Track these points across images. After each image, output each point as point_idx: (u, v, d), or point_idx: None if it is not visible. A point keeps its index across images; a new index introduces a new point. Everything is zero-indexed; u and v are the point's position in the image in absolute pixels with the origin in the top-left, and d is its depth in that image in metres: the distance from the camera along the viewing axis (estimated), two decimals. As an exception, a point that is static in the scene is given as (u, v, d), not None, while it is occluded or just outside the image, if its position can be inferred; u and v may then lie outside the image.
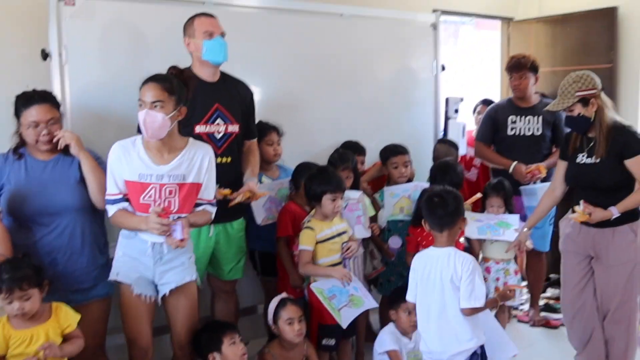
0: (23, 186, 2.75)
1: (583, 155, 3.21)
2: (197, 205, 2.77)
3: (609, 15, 5.01)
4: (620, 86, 5.05)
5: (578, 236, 3.28)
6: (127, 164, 2.65)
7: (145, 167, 2.65)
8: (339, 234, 3.25)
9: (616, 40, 5.00)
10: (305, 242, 3.16)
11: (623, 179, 3.11)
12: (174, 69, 2.76)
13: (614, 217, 3.06)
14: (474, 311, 2.69)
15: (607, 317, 3.26)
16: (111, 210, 2.70)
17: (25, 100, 2.71)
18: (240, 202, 3.06)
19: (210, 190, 2.81)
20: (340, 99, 4.14)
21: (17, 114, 2.73)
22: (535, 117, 4.20)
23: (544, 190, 3.67)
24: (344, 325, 3.10)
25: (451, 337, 2.72)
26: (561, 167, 3.37)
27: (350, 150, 3.85)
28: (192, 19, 3.09)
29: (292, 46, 3.89)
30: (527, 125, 4.21)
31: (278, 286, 3.48)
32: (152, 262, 2.74)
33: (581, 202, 3.15)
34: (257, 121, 3.41)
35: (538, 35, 5.46)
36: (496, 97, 5.59)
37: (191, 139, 2.79)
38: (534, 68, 4.19)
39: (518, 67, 4.19)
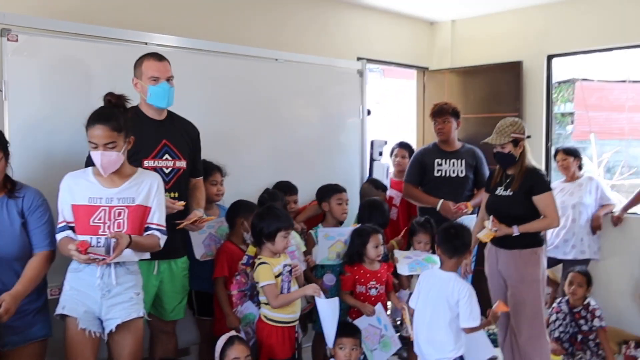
0: None
1: (501, 189, 3.76)
2: (147, 229, 2.80)
3: (514, 68, 5.46)
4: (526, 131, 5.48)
5: (492, 258, 3.82)
6: (77, 190, 2.72)
7: (95, 191, 2.72)
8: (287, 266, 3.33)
9: (521, 90, 5.46)
10: (265, 277, 3.19)
11: (530, 210, 3.65)
12: (111, 96, 2.80)
13: (514, 234, 3.59)
14: (472, 330, 3.12)
15: (520, 332, 3.71)
16: (58, 238, 2.72)
17: None
18: (189, 226, 3.14)
19: (159, 215, 2.84)
20: (274, 140, 4.26)
21: None
22: (459, 160, 4.52)
23: (472, 221, 4.03)
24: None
25: (437, 345, 3.17)
26: (485, 198, 3.91)
27: (283, 190, 3.96)
28: (141, 60, 3.11)
29: (230, 88, 3.98)
30: (452, 168, 4.51)
31: (214, 326, 3.49)
32: (99, 296, 2.72)
33: (491, 217, 3.68)
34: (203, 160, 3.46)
35: (451, 84, 5.85)
36: (412, 140, 5.93)
37: (140, 169, 2.89)
38: (455, 114, 4.54)
39: (441, 113, 4.51)
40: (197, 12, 4.24)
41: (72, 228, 2.71)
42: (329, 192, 4.00)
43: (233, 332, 3.13)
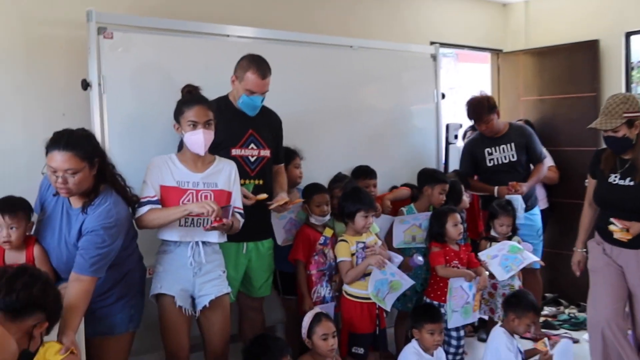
0: (45, 227, 2.71)
1: (616, 176, 3.25)
2: None
3: (591, 47, 5.32)
4: None
5: (599, 253, 3.37)
6: (167, 172, 2.91)
7: (183, 175, 2.93)
8: (370, 246, 3.46)
9: (598, 70, 5.31)
10: (342, 254, 3.40)
11: None
12: (190, 87, 3.06)
13: None
14: None
15: None
16: (143, 210, 2.83)
17: (51, 142, 2.52)
18: (277, 208, 3.29)
19: (238, 200, 3.05)
20: (350, 126, 4.34)
21: (46, 152, 2.53)
22: (508, 145, 4.44)
23: (517, 200, 4.08)
24: (389, 307, 3.43)
25: None
26: (592, 184, 3.47)
27: (362, 175, 4.05)
28: (247, 67, 3.20)
29: (306, 76, 4.09)
30: (503, 154, 4.44)
31: (299, 305, 3.64)
32: (191, 274, 2.91)
33: (612, 220, 3.19)
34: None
35: (526, 65, 5.77)
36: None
37: (217, 156, 3.06)
38: (491, 109, 4.38)
39: (479, 118, 4.40)
40: (274, 3, 4.37)
41: (157, 203, 2.86)
42: (435, 180, 4.02)
43: (318, 309, 3.27)
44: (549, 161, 4.90)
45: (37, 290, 2.03)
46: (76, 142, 2.51)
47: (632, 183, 3.17)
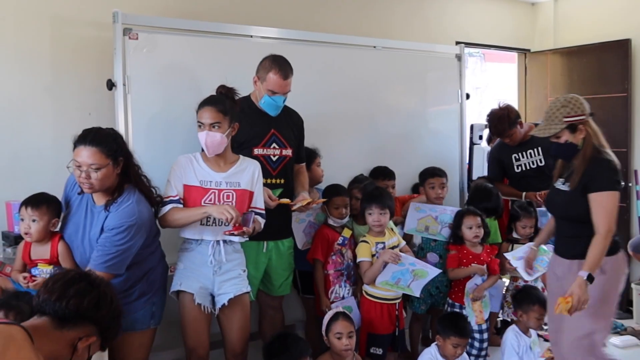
0: (71, 223, 2.76)
1: (561, 181, 3.07)
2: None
3: (622, 47, 5.24)
4: (635, 114, 5.28)
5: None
6: (190, 171, 2.95)
7: (206, 174, 2.95)
8: (392, 248, 3.47)
9: (630, 70, 5.23)
10: (362, 254, 3.43)
11: (588, 212, 2.88)
12: (222, 88, 3.03)
13: (585, 278, 2.78)
14: None
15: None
16: (165, 209, 2.88)
17: (79, 138, 2.60)
18: (300, 208, 3.29)
19: (260, 200, 3.06)
20: (374, 126, 4.35)
21: (73, 148, 2.61)
22: (535, 149, 4.31)
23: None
24: (417, 293, 3.42)
25: None
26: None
27: (380, 175, 4.05)
28: (269, 67, 3.21)
29: (330, 76, 4.11)
30: (530, 159, 4.33)
31: (317, 304, 3.65)
32: (211, 272, 2.95)
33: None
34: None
35: (554, 65, 5.71)
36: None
37: (241, 156, 3.08)
38: (514, 121, 4.25)
39: (500, 133, 4.30)
40: (297, 3, 4.40)
41: (179, 202, 2.90)
42: (425, 175, 4.09)
43: (340, 308, 3.29)
44: None
45: (89, 301, 1.85)
46: (102, 139, 2.59)
47: (567, 189, 2.99)
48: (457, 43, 5.02)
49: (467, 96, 4.81)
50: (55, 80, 3.47)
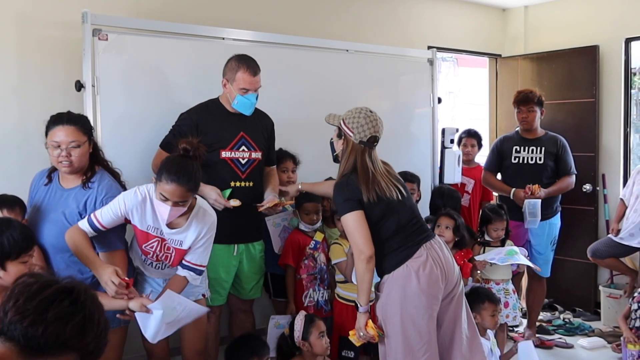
0: (36, 211, 2.77)
1: None
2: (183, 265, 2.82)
3: (590, 53, 5.34)
4: (603, 119, 5.38)
5: None
6: (140, 214, 2.71)
7: (153, 221, 2.74)
8: None
9: (597, 76, 5.33)
10: (337, 255, 3.44)
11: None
12: (187, 144, 2.70)
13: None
14: None
15: None
16: (82, 226, 2.64)
17: (53, 120, 2.68)
18: (267, 209, 3.26)
19: (199, 256, 2.81)
20: (345, 130, 4.35)
21: (46, 132, 2.67)
22: (539, 148, 4.49)
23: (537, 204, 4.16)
24: None
25: None
26: None
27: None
28: (237, 67, 3.18)
29: (302, 79, 4.11)
30: (530, 155, 4.49)
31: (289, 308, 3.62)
32: (162, 282, 2.96)
33: None
34: (277, 149, 3.63)
35: (524, 70, 5.79)
36: (485, 128, 5.91)
37: (199, 202, 2.80)
38: (540, 102, 4.50)
39: (526, 101, 4.48)
40: (269, 6, 4.40)
41: (99, 231, 2.65)
42: None
43: (304, 312, 3.29)
44: None
45: (73, 328, 1.46)
46: (77, 118, 2.74)
47: None
48: (430, 47, 5.06)
49: (439, 100, 4.85)
50: (23, 80, 3.41)
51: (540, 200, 4.29)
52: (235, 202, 3.15)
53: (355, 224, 2.69)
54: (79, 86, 3.25)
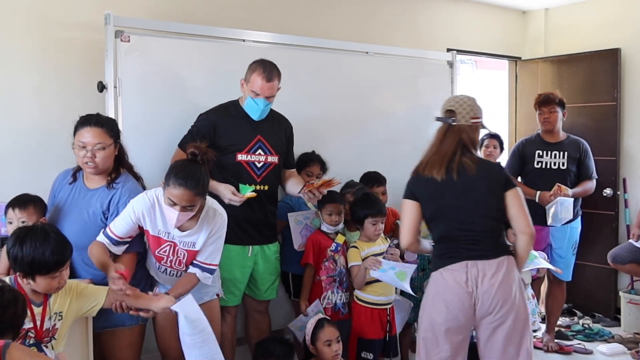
0: (59, 210, 2.80)
1: None
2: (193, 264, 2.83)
3: (612, 56, 5.28)
4: (624, 122, 5.33)
5: None
6: (150, 219, 2.72)
7: (164, 226, 2.74)
8: (382, 253, 3.48)
9: (619, 79, 5.27)
10: (353, 259, 3.43)
11: None
12: (195, 148, 2.72)
13: None
14: None
15: None
16: (100, 239, 2.69)
17: (82, 121, 2.73)
18: (319, 187, 3.20)
19: (211, 257, 2.83)
20: (365, 132, 4.34)
21: (74, 132, 2.73)
22: (561, 152, 4.45)
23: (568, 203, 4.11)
24: (410, 290, 3.30)
25: None
26: None
27: (370, 181, 4.01)
28: (254, 69, 3.19)
29: (322, 81, 4.10)
30: (553, 160, 4.45)
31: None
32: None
33: None
34: (305, 152, 3.70)
35: (544, 73, 5.74)
36: (504, 131, 5.87)
37: (209, 202, 2.81)
38: (561, 104, 4.46)
39: (547, 102, 4.45)
40: (290, 8, 4.41)
41: (117, 243, 2.69)
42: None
43: (320, 315, 3.28)
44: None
45: None
46: (105, 120, 2.81)
47: None
48: (449, 50, 5.03)
49: (458, 103, 4.80)
50: (45, 82, 3.44)
51: (572, 200, 4.26)
52: (250, 194, 3.09)
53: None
54: (102, 87, 3.27)
